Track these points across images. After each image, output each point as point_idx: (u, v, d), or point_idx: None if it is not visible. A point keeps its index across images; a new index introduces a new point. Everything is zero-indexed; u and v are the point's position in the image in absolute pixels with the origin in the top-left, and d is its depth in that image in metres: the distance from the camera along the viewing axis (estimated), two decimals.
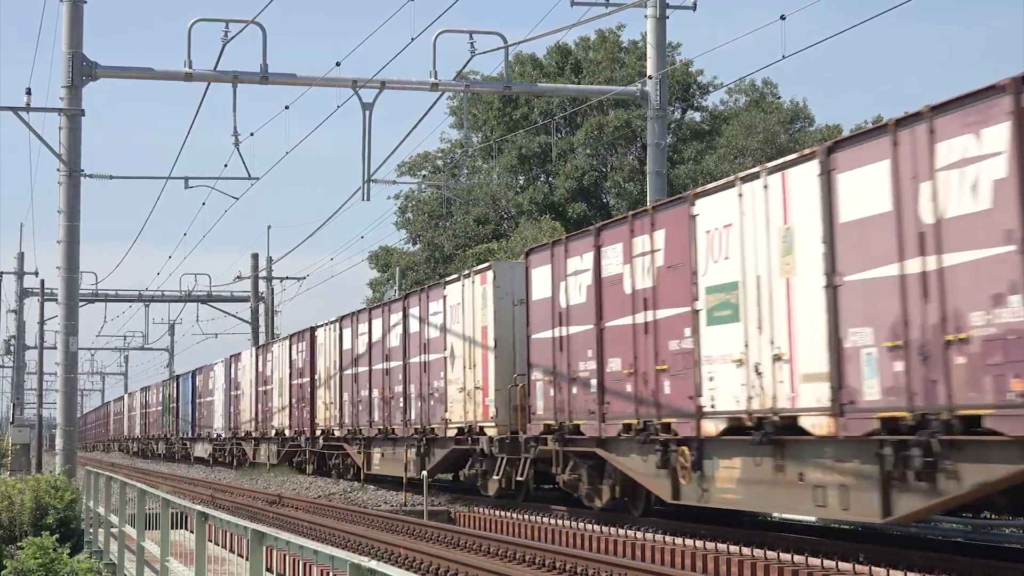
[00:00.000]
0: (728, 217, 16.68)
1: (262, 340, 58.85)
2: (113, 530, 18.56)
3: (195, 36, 27.27)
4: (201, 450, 58.77)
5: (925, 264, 13.03)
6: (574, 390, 21.09)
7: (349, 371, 34.29)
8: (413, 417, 28.82)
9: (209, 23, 27.11)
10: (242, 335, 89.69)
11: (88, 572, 17.86)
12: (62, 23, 27.25)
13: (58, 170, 27.45)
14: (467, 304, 25.76)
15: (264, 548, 9.38)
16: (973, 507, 15.08)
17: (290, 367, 40.56)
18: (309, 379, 38.26)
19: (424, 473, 26.11)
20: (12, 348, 75.25)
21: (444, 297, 27.03)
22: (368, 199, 27.46)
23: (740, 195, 16.42)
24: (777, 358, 15.45)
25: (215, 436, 54.31)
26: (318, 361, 37.54)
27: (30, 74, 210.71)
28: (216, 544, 15.24)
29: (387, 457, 31.36)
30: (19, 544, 20.59)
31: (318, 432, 37.51)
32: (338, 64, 27.73)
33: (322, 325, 37.32)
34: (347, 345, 34.73)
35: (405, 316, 29.60)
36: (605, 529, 19.31)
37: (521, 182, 57.98)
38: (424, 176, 59.17)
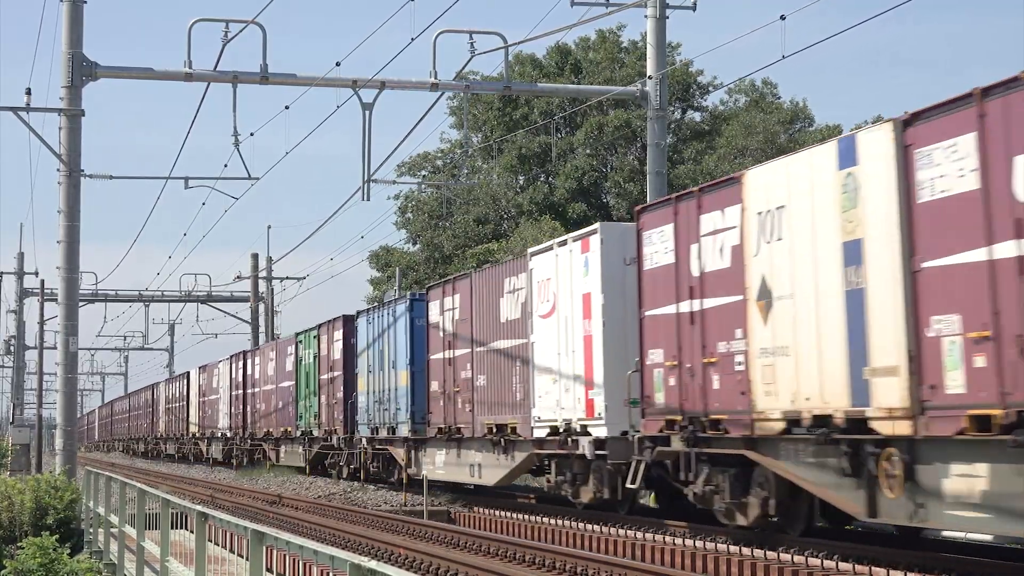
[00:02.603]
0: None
1: (262, 340, 58.63)
2: (113, 530, 18.57)
3: (195, 36, 27.27)
4: (486, 469, 25.33)
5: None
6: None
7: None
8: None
9: (209, 23, 27.14)
10: (242, 335, 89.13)
11: (88, 572, 17.88)
12: (62, 23, 27.25)
13: (58, 170, 27.44)
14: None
15: (264, 548, 9.38)
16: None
17: None
18: None
19: (424, 473, 26.50)
20: (12, 348, 75.29)
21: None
22: (368, 199, 27.50)
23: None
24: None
25: (551, 429, 21.97)
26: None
27: (30, 74, 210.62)
28: (216, 544, 15.23)
29: None
30: (19, 544, 20.60)
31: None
32: (338, 64, 27.76)
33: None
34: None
35: None
36: (605, 529, 19.32)
37: (521, 182, 57.95)
38: (424, 176, 59.12)
